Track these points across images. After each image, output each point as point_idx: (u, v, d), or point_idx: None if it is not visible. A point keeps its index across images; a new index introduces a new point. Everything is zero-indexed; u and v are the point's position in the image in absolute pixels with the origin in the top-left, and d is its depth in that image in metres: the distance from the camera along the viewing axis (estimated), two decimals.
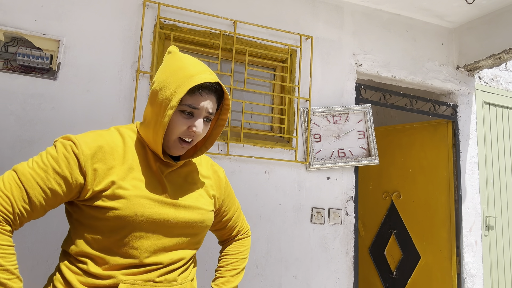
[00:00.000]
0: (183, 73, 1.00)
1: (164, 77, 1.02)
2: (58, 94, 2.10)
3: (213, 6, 2.49)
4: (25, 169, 0.94)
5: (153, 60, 2.29)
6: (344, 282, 2.61)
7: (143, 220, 0.99)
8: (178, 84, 0.98)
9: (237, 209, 1.35)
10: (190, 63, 1.03)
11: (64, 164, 0.95)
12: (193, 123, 1.03)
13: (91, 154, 0.97)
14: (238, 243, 1.36)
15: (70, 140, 0.98)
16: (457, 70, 3.24)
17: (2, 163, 1.97)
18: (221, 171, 1.28)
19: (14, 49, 2.05)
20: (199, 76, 1.00)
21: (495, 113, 3.54)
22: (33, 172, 0.93)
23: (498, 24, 2.93)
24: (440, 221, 3.18)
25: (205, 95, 1.02)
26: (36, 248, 1.98)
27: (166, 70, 1.03)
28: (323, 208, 2.61)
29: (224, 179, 1.28)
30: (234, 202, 1.33)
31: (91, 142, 0.99)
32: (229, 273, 1.28)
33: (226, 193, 1.28)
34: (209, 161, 1.27)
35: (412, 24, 3.12)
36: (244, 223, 1.40)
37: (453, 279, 3.04)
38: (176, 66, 1.02)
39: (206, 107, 1.03)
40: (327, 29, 2.81)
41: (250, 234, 1.43)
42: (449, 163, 3.19)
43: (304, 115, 2.63)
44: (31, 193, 0.93)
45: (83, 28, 2.19)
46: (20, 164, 0.96)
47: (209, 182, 1.20)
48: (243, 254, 1.35)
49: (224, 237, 1.37)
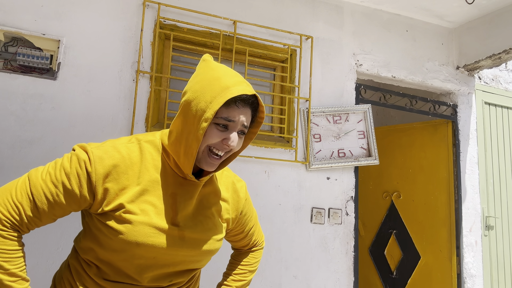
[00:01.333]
0: (219, 84, 0.94)
1: (198, 87, 0.95)
2: (58, 94, 2.10)
3: (213, 6, 2.49)
4: (38, 180, 0.94)
5: (153, 60, 2.29)
6: (344, 282, 2.61)
7: (144, 249, 0.96)
8: (213, 95, 0.92)
9: (253, 224, 1.30)
10: (226, 74, 0.97)
11: (75, 181, 0.94)
12: (228, 135, 0.96)
13: (104, 173, 0.95)
14: (251, 254, 1.34)
15: (86, 154, 0.95)
16: (457, 70, 3.24)
17: (2, 163, 1.97)
18: (242, 190, 1.21)
19: (14, 49, 2.05)
20: (235, 88, 0.94)
21: (495, 113, 3.54)
22: (44, 185, 0.93)
23: (498, 24, 2.92)
24: (440, 221, 3.18)
25: (241, 107, 0.96)
26: (36, 248, 1.98)
27: (200, 80, 0.97)
28: (323, 208, 2.61)
29: (244, 198, 1.21)
30: (251, 218, 1.28)
31: (107, 159, 0.95)
32: (235, 283, 1.27)
33: (244, 211, 1.23)
34: (229, 178, 1.19)
35: (412, 24, 3.12)
36: (260, 235, 1.36)
37: (453, 279, 3.04)
38: (211, 76, 0.96)
39: (242, 120, 0.97)
40: (327, 29, 2.81)
41: (264, 245, 1.41)
42: (449, 163, 3.19)
43: (304, 115, 2.63)
44: (40, 206, 0.93)
45: (83, 28, 2.19)
46: (35, 171, 0.95)
47: (225, 206, 1.15)
48: (253, 266, 1.33)
49: (238, 247, 1.35)
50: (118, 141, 1.01)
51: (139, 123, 2.24)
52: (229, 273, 1.29)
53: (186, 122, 0.96)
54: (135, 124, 2.23)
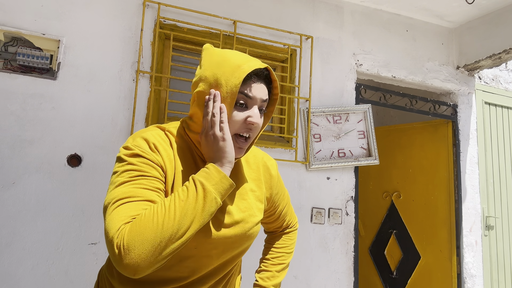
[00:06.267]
0: (230, 64, 0.93)
1: (209, 74, 0.94)
2: (58, 94, 2.10)
3: (213, 6, 2.49)
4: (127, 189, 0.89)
5: (153, 60, 2.29)
6: (344, 282, 2.61)
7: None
8: (227, 78, 0.91)
9: (286, 203, 1.28)
10: (233, 54, 0.97)
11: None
12: (250, 113, 0.95)
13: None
14: (286, 236, 1.30)
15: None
16: (457, 70, 3.24)
17: (2, 163, 1.97)
18: (273, 167, 1.18)
19: (14, 49, 2.05)
20: (247, 65, 0.93)
21: (495, 113, 3.54)
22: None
23: (498, 24, 2.92)
24: (440, 221, 3.18)
25: (257, 82, 0.95)
26: (36, 248, 1.98)
27: (208, 67, 0.95)
28: (323, 208, 2.61)
29: (276, 176, 1.19)
30: (284, 196, 1.25)
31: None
32: (274, 267, 1.24)
33: (277, 189, 1.20)
34: (259, 157, 1.16)
35: (412, 24, 3.12)
36: (293, 216, 1.33)
37: (453, 279, 3.04)
38: (219, 59, 0.95)
39: (260, 95, 0.96)
40: (327, 29, 2.81)
41: (298, 226, 1.37)
42: (449, 163, 3.19)
43: (304, 115, 2.63)
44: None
45: (83, 28, 2.19)
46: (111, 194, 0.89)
47: (260, 185, 1.11)
48: (290, 248, 1.29)
49: (272, 229, 1.31)
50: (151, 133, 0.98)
51: (139, 123, 2.24)
52: (267, 258, 1.25)
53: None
54: (135, 124, 2.23)
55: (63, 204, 2.05)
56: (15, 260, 1.94)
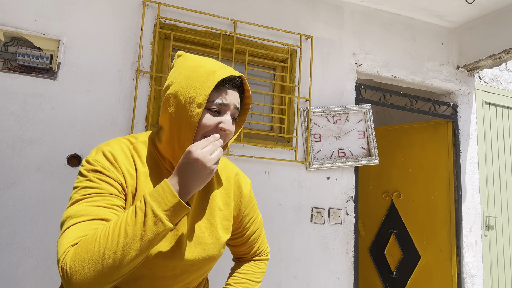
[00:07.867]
0: (204, 70, 0.92)
1: (183, 77, 0.92)
2: (58, 94, 2.10)
3: (213, 6, 2.49)
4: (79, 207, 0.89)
5: (153, 60, 2.29)
6: (344, 282, 2.61)
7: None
8: (201, 81, 0.90)
9: (258, 228, 1.19)
10: (208, 61, 0.96)
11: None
12: (222, 119, 0.93)
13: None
14: (253, 263, 1.20)
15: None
16: (457, 70, 3.24)
17: (2, 163, 1.97)
18: (246, 186, 1.12)
19: (14, 49, 2.05)
20: (221, 71, 0.92)
21: (495, 113, 3.54)
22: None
23: (498, 24, 2.92)
24: (440, 221, 3.18)
25: (231, 89, 0.95)
26: (36, 248, 1.98)
27: (182, 70, 0.94)
28: (323, 208, 2.61)
29: (248, 196, 1.12)
30: (255, 220, 1.17)
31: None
32: None
33: (247, 210, 1.13)
34: (232, 171, 1.11)
35: (412, 24, 3.12)
36: (264, 243, 1.23)
37: (453, 279, 3.04)
38: (193, 64, 0.94)
39: (233, 102, 0.95)
40: (327, 29, 2.81)
41: (269, 257, 1.26)
42: (449, 163, 3.19)
43: (304, 115, 2.63)
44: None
45: (83, 28, 2.19)
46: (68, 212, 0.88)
47: (228, 201, 1.07)
48: (256, 276, 1.17)
49: (239, 255, 1.22)
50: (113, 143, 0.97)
51: (139, 123, 2.24)
52: (228, 283, 1.14)
53: (176, 113, 0.91)
54: (135, 124, 2.23)
55: (63, 204, 2.04)
56: (15, 260, 1.94)
